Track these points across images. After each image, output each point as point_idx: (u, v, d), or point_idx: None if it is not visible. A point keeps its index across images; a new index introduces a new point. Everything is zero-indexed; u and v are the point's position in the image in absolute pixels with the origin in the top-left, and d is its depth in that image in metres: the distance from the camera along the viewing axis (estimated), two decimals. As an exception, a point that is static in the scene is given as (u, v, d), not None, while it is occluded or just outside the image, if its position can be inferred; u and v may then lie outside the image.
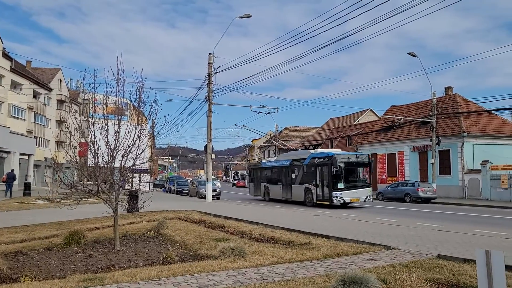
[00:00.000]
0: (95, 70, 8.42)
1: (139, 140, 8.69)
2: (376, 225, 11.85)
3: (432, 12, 30.34)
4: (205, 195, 24.82)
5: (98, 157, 8.30)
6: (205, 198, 24.53)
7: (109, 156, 8.36)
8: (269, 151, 65.44)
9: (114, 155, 8.39)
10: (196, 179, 40.50)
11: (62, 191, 18.75)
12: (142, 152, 8.95)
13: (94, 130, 8.38)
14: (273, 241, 8.82)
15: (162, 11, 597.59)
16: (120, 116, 8.76)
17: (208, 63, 24.48)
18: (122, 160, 8.51)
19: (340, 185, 20.31)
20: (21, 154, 33.53)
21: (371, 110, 53.04)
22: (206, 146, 25.26)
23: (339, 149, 27.11)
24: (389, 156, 36.52)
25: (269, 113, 27.64)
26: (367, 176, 22.03)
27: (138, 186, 13.29)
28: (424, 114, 31.43)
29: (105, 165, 8.40)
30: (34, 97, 43.55)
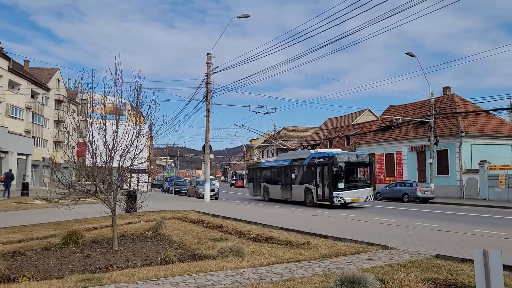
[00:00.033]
0: (93, 70, 8.42)
1: (137, 140, 8.70)
2: (374, 225, 11.85)
3: (430, 12, 30.58)
4: (204, 195, 24.82)
5: (96, 157, 8.30)
6: (204, 198, 24.50)
7: (107, 156, 8.36)
8: (268, 151, 65.41)
9: (112, 155, 8.38)
10: (195, 179, 40.40)
11: (60, 191, 18.78)
12: (140, 152, 8.95)
13: (92, 130, 8.37)
14: (271, 241, 8.81)
15: (161, 11, 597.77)
16: (118, 116, 8.77)
17: (207, 63, 24.45)
18: (120, 160, 8.52)
19: (341, 185, 20.23)
20: (19, 154, 33.45)
21: (369, 110, 53.12)
22: (205, 146, 25.20)
23: (339, 149, 27.06)
24: (387, 156, 36.56)
25: (268, 113, 27.58)
26: (368, 176, 21.99)
27: (136, 186, 13.30)
28: (422, 114, 31.49)
29: (103, 165, 8.39)
30: (32, 97, 43.52)
